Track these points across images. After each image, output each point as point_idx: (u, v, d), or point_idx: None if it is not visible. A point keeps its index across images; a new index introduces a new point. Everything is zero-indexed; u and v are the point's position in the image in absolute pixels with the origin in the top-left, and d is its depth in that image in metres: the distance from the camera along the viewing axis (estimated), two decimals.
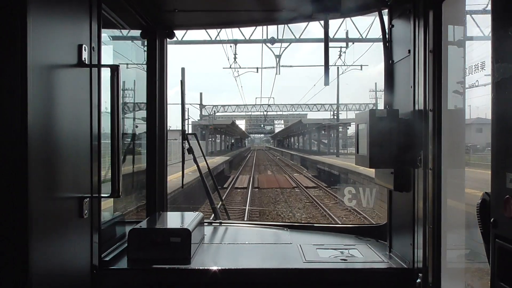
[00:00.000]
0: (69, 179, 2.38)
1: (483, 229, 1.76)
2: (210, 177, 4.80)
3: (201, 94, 67.72)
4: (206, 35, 27.59)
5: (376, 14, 3.34)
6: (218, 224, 4.18)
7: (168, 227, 3.32)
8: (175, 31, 4.05)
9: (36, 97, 1.99)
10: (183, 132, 4.39)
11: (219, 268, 2.88)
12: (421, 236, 2.66)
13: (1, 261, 1.95)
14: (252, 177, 34.87)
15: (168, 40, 4.04)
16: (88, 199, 2.51)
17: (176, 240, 3.03)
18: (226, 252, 3.37)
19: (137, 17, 3.59)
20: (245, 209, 19.36)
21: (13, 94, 1.91)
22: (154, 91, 3.88)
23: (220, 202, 4.77)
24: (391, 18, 3.22)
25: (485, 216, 1.74)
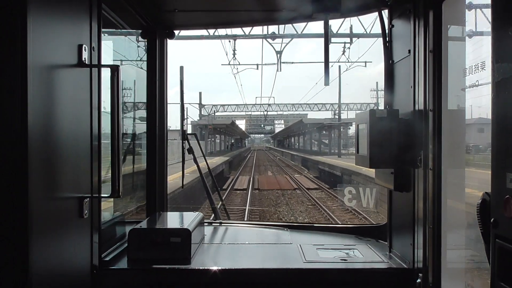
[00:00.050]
0: (69, 179, 2.38)
1: (483, 229, 1.76)
2: (210, 177, 4.80)
3: (200, 93, 67.36)
4: (205, 30, 27.31)
5: (376, 13, 3.35)
6: (218, 224, 4.18)
7: (168, 227, 3.31)
8: (175, 31, 4.05)
9: (36, 97, 1.99)
10: (183, 132, 4.39)
11: (219, 268, 2.88)
12: (421, 236, 2.66)
13: (1, 261, 1.95)
14: (252, 178, 34.55)
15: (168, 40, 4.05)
16: (88, 199, 2.51)
17: (176, 240, 3.03)
18: (226, 252, 3.37)
19: (137, 17, 3.60)
20: (245, 211, 19.15)
21: (13, 94, 1.91)
22: (154, 91, 3.88)
23: (220, 202, 4.78)
24: (391, 18, 3.22)
25: (485, 216, 1.74)
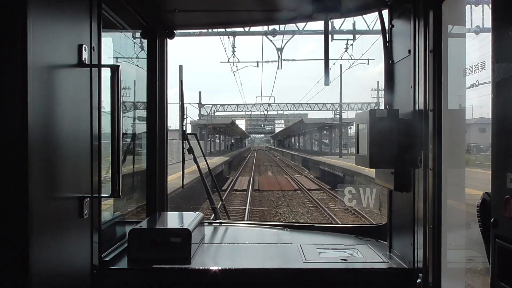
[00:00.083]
0: (69, 179, 2.38)
1: (483, 229, 1.76)
2: (210, 177, 4.81)
3: (199, 93, 66.91)
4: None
5: (377, 13, 3.35)
6: (218, 224, 4.18)
7: (168, 227, 3.32)
8: (175, 31, 4.06)
9: (36, 97, 1.99)
10: (183, 132, 4.39)
11: (219, 268, 2.88)
12: (421, 236, 2.66)
13: (1, 261, 1.95)
14: (252, 178, 34.28)
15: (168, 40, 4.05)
16: (88, 199, 2.51)
17: (176, 240, 3.03)
18: (226, 252, 3.37)
19: (137, 17, 3.60)
20: (245, 211, 19.06)
21: (13, 94, 1.91)
22: (154, 91, 3.88)
23: (220, 202, 4.78)
24: (391, 18, 3.22)
25: (485, 216, 1.74)
